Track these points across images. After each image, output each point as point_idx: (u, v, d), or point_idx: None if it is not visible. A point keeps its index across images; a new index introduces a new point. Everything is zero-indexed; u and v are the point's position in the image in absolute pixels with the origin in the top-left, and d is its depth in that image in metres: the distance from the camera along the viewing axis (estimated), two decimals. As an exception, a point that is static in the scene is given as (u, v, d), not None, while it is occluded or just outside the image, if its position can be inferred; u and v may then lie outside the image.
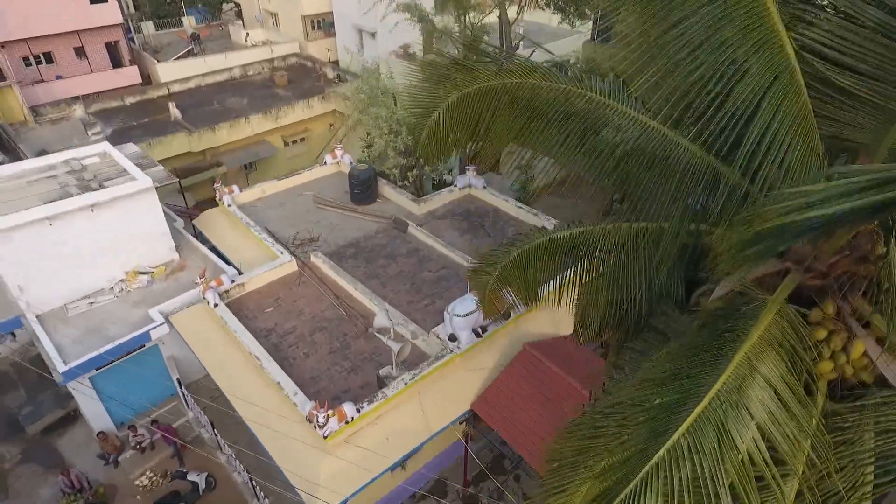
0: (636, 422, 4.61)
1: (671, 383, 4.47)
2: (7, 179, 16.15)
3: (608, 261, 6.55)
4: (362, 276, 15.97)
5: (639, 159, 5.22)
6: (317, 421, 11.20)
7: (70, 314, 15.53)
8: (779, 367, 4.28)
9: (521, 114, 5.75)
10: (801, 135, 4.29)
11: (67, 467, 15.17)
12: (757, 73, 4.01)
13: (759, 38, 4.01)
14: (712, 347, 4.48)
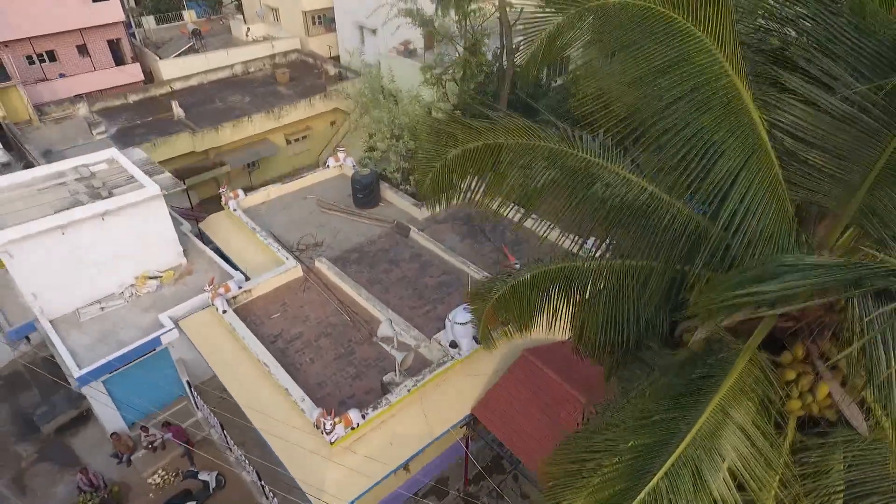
0: (619, 460, 5.10)
1: (652, 425, 4.95)
2: (18, 187, 16.56)
3: (599, 294, 7.00)
4: (366, 282, 16.44)
5: (628, 211, 5.66)
6: (324, 427, 11.74)
7: (82, 319, 16.03)
8: (749, 412, 4.76)
9: (516, 170, 6.19)
10: (773, 201, 4.73)
11: (83, 466, 15.77)
12: (733, 153, 4.43)
13: (734, 123, 4.43)
14: (690, 392, 4.95)
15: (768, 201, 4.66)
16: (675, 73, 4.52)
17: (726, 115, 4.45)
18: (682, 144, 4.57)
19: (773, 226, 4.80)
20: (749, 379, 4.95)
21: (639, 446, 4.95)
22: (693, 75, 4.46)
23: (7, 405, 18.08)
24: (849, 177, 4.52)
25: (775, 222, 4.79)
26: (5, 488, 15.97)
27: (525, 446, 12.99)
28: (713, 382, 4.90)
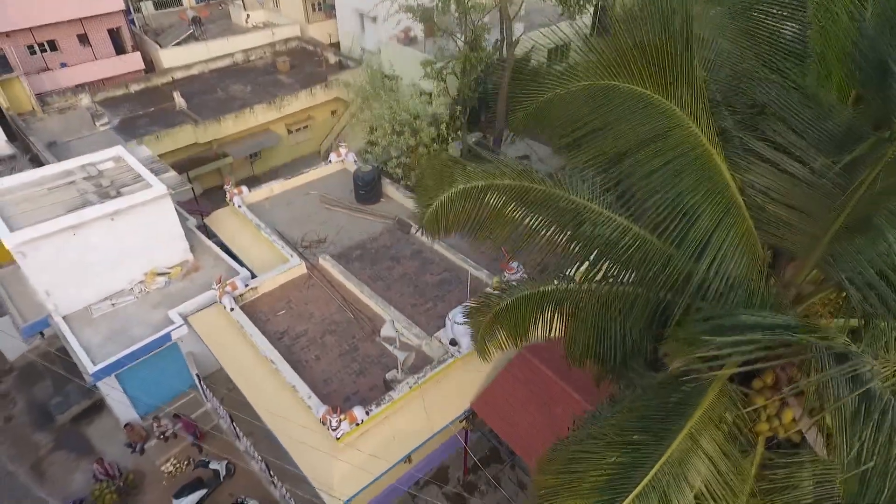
0: (601, 474, 5.67)
1: (629, 446, 5.51)
2: (28, 186, 16.97)
3: (588, 316, 7.50)
4: (368, 279, 16.95)
5: (615, 247, 6.13)
6: (330, 424, 12.37)
7: (94, 315, 16.59)
8: (717, 439, 5.30)
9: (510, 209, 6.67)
10: (746, 250, 5.21)
11: (99, 456, 16.50)
12: (709, 213, 4.90)
13: (709, 187, 4.89)
14: (664, 417, 5.49)
15: (742, 251, 5.14)
16: (656, 145, 4.97)
17: (702, 180, 4.90)
18: (664, 206, 5.03)
19: (747, 270, 5.28)
20: (719, 406, 5.48)
21: (617, 464, 5.52)
22: (671, 147, 4.91)
23: (23, 396, 18.76)
24: (812, 230, 4.99)
25: (748, 267, 5.27)
26: (25, 476, 16.72)
27: (521, 440, 13.66)
28: (685, 410, 5.43)
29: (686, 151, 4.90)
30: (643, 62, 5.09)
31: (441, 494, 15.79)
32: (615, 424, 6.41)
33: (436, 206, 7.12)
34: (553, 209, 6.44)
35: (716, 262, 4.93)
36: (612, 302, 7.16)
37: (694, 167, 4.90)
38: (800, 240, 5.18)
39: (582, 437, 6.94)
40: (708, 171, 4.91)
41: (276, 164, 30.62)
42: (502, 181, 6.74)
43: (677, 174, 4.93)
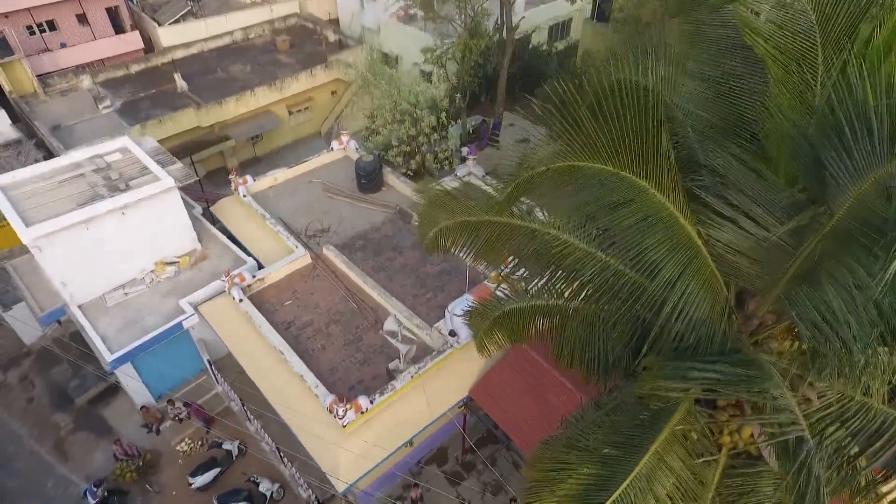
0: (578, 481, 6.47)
1: (603, 458, 6.29)
2: (39, 179, 17.49)
3: (575, 329, 8.21)
4: (371, 269, 17.65)
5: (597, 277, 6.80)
6: (336, 413, 13.25)
7: (109, 304, 17.35)
8: (682, 455, 6.07)
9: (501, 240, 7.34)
10: (709, 293, 5.87)
11: (118, 437, 17.51)
12: (672, 264, 5.53)
13: (674, 242, 5.52)
14: (634, 435, 6.26)
15: (705, 294, 5.81)
16: (625, 209, 5.59)
17: (667, 238, 5.56)
18: (634, 258, 5.69)
19: (710, 310, 5.96)
20: (685, 424, 6.23)
21: (590, 475, 6.31)
22: (636, 211, 5.55)
23: (41, 379, 19.70)
24: (769, 277, 5.64)
25: (711, 307, 5.95)
26: (48, 455, 17.78)
27: (516, 426, 14.59)
28: (654, 428, 6.18)
29: (651, 214, 5.56)
30: (611, 140, 5.70)
31: (441, 472, 16.85)
32: (590, 436, 7.22)
33: (434, 232, 7.76)
34: (539, 242, 7.09)
35: (677, 307, 5.60)
36: (595, 321, 7.86)
37: (658, 227, 5.55)
38: (759, 283, 5.84)
39: (566, 440, 7.77)
40: (672, 230, 5.56)
41: (278, 146, 30.97)
42: (493, 217, 7.35)
43: (642, 233, 5.58)
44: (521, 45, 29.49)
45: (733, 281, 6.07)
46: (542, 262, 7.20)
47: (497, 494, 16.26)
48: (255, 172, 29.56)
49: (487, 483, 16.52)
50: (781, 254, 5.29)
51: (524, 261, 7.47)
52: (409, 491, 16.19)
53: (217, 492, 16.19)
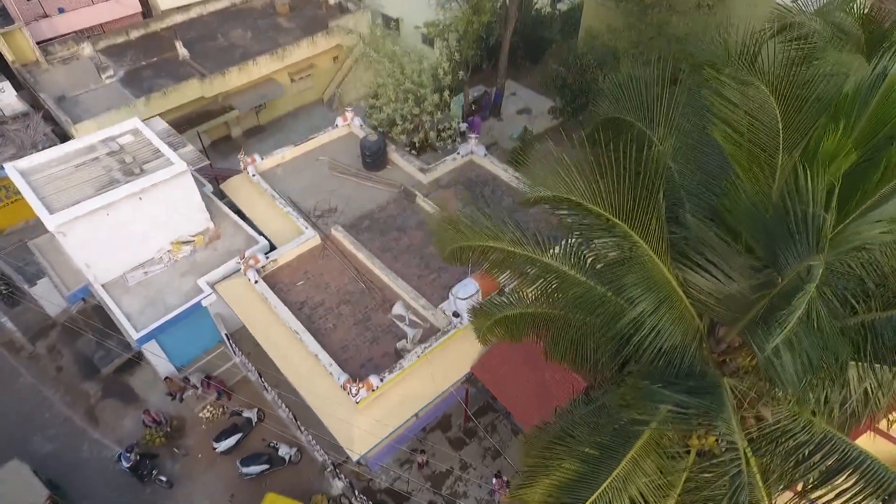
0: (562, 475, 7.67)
1: (585, 457, 7.46)
2: (56, 164, 18.17)
3: (568, 337, 9.25)
4: (377, 250, 18.59)
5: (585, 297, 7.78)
6: (350, 391, 14.52)
7: (130, 283, 18.41)
8: (654, 458, 7.21)
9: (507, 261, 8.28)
10: (681, 324, 6.86)
11: (145, 405, 18.95)
12: (647, 301, 6.49)
13: (650, 282, 6.45)
14: (614, 439, 7.39)
15: (677, 325, 6.80)
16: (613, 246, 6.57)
17: (644, 278, 6.49)
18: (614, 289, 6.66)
19: (682, 339, 6.96)
20: (658, 432, 7.35)
21: (573, 471, 7.50)
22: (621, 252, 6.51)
23: (68, 349, 20.99)
24: (733, 315, 6.62)
25: (684, 336, 6.95)
26: (80, 421, 19.27)
27: (514, 401, 15.91)
28: (632, 436, 7.30)
29: (633, 256, 6.48)
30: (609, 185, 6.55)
31: (444, 438, 18.37)
32: (576, 432, 8.40)
33: (450, 251, 8.71)
34: (539, 266, 8.04)
35: (651, 336, 6.61)
36: (585, 329, 8.88)
37: (638, 267, 6.49)
38: (726, 319, 6.82)
39: (556, 431, 8.98)
40: (650, 272, 6.50)
41: (281, 113, 31.26)
42: (498, 244, 8.27)
43: (625, 270, 6.54)
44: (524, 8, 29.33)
45: (706, 313, 7.05)
46: (539, 280, 8.16)
47: (496, 459, 17.81)
48: (259, 140, 30.33)
49: (488, 448, 18.05)
50: (743, 302, 6.23)
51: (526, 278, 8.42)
52: (416, 455, 17.74)
53: (239, 455, 17.76)
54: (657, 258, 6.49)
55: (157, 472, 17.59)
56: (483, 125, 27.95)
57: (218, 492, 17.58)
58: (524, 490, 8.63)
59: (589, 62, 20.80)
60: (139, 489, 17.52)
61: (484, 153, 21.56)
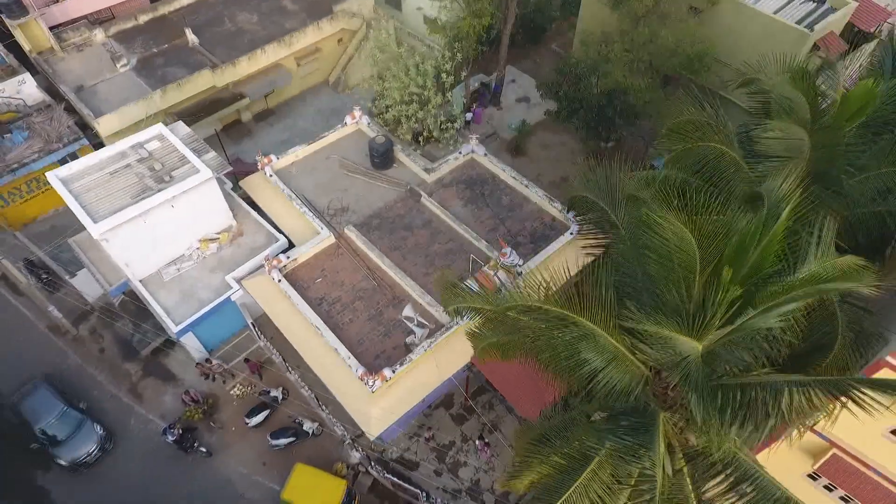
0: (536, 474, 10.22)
1: (557, 465, 9.95)
2: (92, 171, 20.02)
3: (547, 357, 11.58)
4: (387, 249, 20.74)
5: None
6: (366, 382, 17.05)
7: (165, 279, 20.68)
8: (609, 468, 9.67)
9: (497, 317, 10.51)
10: (628, 374, 9.17)
11: (181, 383, 21.62)
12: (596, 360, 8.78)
13: (599, 348, 8.70)
14: (579, 453, 9.85)
15: (624, 374, 9.12)
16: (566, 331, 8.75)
17: (595, 346, 8.76)
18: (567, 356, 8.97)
19: (629, 382, 9.30)
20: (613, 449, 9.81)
21: (545, 475, 10.03)
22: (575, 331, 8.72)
23: (108, 332, 23.49)
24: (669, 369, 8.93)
25: (630, 381, 9.28)
26: (125, 397, 21.98)
27: (508, 387, 18.50)
28: (592, 452, 9.75)
29: (586, 333, 8.75)
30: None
31: (447, 415, 21.13)
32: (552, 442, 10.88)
33: (452, 308, 10.90)
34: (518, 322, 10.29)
35: (600, 384, 8.94)
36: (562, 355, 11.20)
37: (590, 340, 8.77)
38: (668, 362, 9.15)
39: (537, 431, 11.51)
40: (600, 342, 8.77)
41: (288, 97, 32.63)
42: (487, 305, 10.45)
43: (579, 342, 8.82)
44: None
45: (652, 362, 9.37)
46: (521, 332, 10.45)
47: (493, 432, 20.62)
48: (269, 124, 31.91)
49: (486, 423, 20.83)
50: (674, 363, 8.52)
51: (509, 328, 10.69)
52: (423, 430, 20.54)
53: (269, 429, 20.57)
54: (606, 334, 8.74)
55: (197, 443, 20.43)
56: (483, 114, 29.45)
57: (251, 460, 20.48)
58: (512, 481, 11.25)
59: (583, 71, 22.24)
60: (182, 458, 20.42)
61: (484, 152, 23.33)
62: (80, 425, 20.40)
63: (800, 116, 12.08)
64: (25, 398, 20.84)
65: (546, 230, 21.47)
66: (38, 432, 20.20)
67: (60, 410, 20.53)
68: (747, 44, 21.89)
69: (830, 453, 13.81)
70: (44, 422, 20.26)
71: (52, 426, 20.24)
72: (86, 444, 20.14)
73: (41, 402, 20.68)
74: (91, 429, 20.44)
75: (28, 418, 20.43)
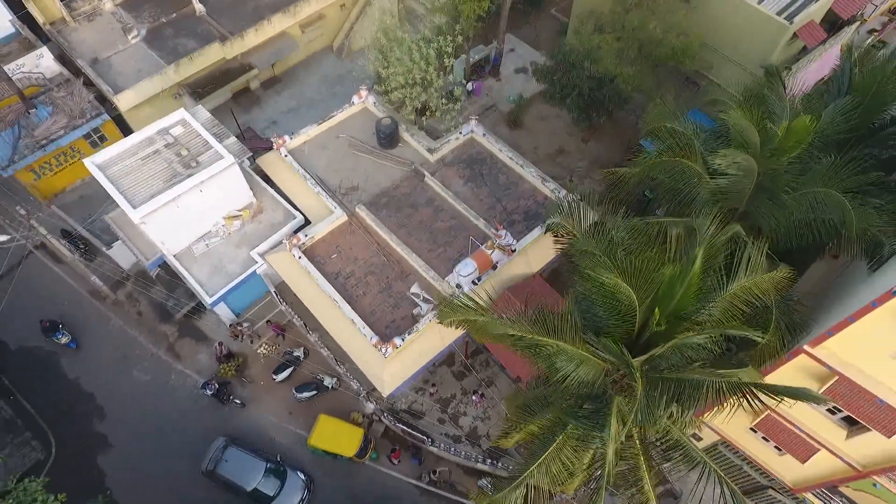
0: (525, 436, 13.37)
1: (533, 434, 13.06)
2: (125, 156, 22.18)
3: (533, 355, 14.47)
4: (395, 226, 23.25)
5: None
6: (379, 349, 20.09)
7: (196, 254, 23.34)
8: (570, 450, 12.71)
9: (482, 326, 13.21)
10: (592, 369, 12.02)
11: (217, 341, 24.72)
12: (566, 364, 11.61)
13: (570, 358, 11.46)
14: (548, 429, 12.89)
15: (589, 370, 11.97)
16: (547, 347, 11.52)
17: (568, 356, 11.53)
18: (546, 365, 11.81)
19: (593, 375, 12.20)
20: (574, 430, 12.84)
21: (528, 439, 13.15)
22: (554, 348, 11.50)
23: (143, 297, 26.39)
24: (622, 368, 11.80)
25: (594, 374, 12.18)
26: (164, 356, 25.18)
27: (501, 351, 21.56)
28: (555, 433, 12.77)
29: (561, 348, 11.50)
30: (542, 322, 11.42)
31: (449, 371, 24.40)
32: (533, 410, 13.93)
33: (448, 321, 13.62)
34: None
35: (569, 378, 11.82)
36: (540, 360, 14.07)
37: (564, 353, 11.53)
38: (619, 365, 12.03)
39: (521, 400, 14.62)
40: (571, 354, 11.53)
41: (294, 63, 34.02)
42: (478, 317, 13.12)
43: (555, 355, 11.59)
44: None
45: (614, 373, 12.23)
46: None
47: (490, 386, 23.96)
48: (276, 92, 33.56)
49: (483, 378, 24.14)
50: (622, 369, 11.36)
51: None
52: (428, 385, 23.87)
53: (293, 384, 23.90)
54: (574, 347, 11.54)
55: (232, 396, 23.81)
56: (483, 85, 31.06)
57: (279, 410, 23.95)
58: (503, 439, 14.41)
59: (576, 59, 23.83)
60: (220, 408, 23.86)
61: (483, 132, 25.36)
62: (285, 478, 21.70)
63: (750, 142, 14.36)
64: (221, 463, 21.58)
65: (539, 208, 23.91)
66: (251, 493, 21.26)
67: (265, 468, 21.60)
68: (733, 31, 23.48)
69: (766, 414, 17.03)
70: (255, 482, 21.29)
71: (263, 485, 21.37)
72: (295, 493, 21.54)
73: (241, 463, 21.60)
74: (296, 477, 21.81)
75: (236, 482, 21.32)
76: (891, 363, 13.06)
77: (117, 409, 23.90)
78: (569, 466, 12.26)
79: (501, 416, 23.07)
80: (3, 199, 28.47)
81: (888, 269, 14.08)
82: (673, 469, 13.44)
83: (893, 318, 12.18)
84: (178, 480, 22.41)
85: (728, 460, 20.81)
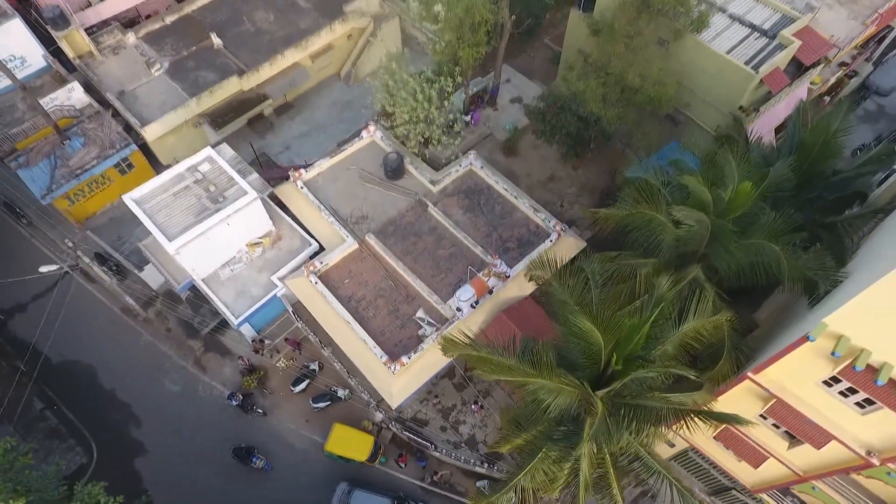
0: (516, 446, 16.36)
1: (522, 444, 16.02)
2: (158, 192, 25.02)
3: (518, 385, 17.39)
4: (400, 253, 26.10)
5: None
6: (389, 366, 23.00)
7: (223, 279, 26.22)
8: (550, 460, 15.61)
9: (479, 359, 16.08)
10: (568, 397, 14.91)
11: (238, 356, 27.64)
12: (549, 397, 14.49)
13: (550, 391, 14.35)
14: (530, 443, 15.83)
15: (566, 399, 14.86)
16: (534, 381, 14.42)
17: (549, 389, 14.40)
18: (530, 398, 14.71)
19: (568, 402, 15.11)
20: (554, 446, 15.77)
21: (518, 449, 16.12)
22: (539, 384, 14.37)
23: (171, 314, 29.30)
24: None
25: (569, 400, 15.08)
26: (192, 368, 28.13)
27: (498, 367, 24.46)
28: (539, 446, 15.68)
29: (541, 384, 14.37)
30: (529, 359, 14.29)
31: (450, 384, 27.35)
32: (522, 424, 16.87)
33: (449, 353, 16.50)
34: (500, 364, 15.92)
35: (550, 407, 14.71)
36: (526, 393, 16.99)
37: (547, 387, 14.40)
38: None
39: (512, 414, 17.58)
40: (550, 387, 14.40)
41: (305, 90, 36.76)
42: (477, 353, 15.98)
43: (539, 391, 14.47)
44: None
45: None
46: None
47: (486, 397, 26.91)
48: (289, 117, 36.30)
49: (481, 390, 27.09)
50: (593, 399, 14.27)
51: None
52: (431, 396, 26.82)
53: (310, 395, 26.87)
54: (552, 382, 14.42)
55: (255, 406, 26.78)
56: (481, 115, 33.81)
57: (297, 418, 26.92)
58: (498, 445, 17.33)
59: (565, 103, 26.57)
60: (243, 417, 26.83)
61: (481, 165, 28.16)
62: None
63: (704, 201, 17.22)
64: None
65: (531, 236, 26.77)
66: None
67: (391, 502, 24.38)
68: (707, 76, 26.22)
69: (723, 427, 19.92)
70: None
71: None
72: None
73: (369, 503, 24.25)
74: None
75: None
76: (817, 389, 15.94)
77: (151, 418, 26.87)
78: (550, 475, 15.18)
79: (497, 425, 26.01)
80: (44, 226, 31.29)
81: (824, 304, 16.94)
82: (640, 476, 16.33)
83: (815, 353, 15.05)
84: (209, 482, 25.41)
85: (697, 464, 23.80)
